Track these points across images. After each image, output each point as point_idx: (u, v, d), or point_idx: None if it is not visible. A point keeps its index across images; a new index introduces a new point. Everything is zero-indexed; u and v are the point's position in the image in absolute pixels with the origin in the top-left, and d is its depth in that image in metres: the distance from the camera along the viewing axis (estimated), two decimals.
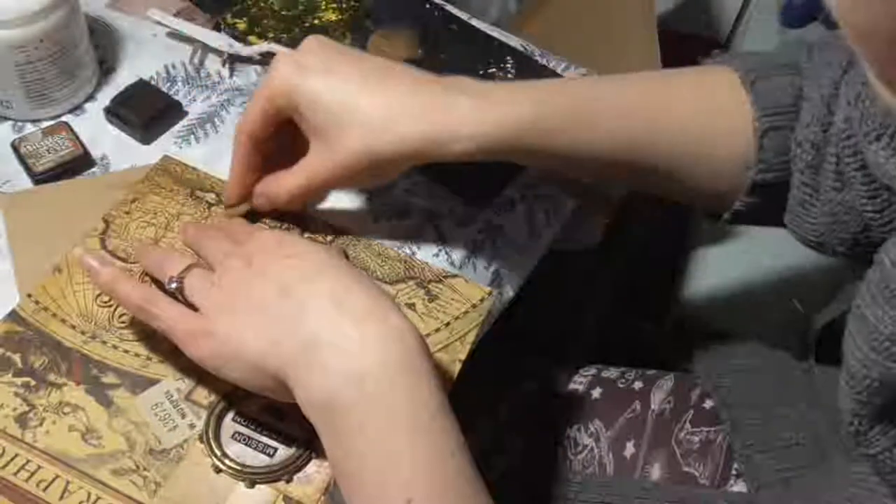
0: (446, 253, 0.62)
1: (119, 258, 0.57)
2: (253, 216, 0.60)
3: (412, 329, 0.46)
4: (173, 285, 0.50)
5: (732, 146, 0.56)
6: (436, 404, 0.44)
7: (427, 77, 0.55)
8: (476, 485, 0.44)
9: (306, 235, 0.59)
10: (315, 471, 0.49)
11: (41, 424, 0.50)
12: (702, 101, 0.57)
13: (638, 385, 0.71)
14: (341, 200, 0.64)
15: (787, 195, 0.56)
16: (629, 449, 0.67)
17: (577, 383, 0.73)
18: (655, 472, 0.65)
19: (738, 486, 0.63)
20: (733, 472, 0.64)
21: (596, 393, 0.71)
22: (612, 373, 0.74)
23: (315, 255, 0.49)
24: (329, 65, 0.54)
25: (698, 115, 0.57)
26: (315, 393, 0.44)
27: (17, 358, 0.52)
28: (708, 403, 0.68)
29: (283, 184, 0.57)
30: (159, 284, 0.53)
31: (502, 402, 0.72)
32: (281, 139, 0.57)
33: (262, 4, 0.77)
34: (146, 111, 0.66)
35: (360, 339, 0.44)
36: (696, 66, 0.60)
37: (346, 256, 0.58)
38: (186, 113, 0.68)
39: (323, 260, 0.48)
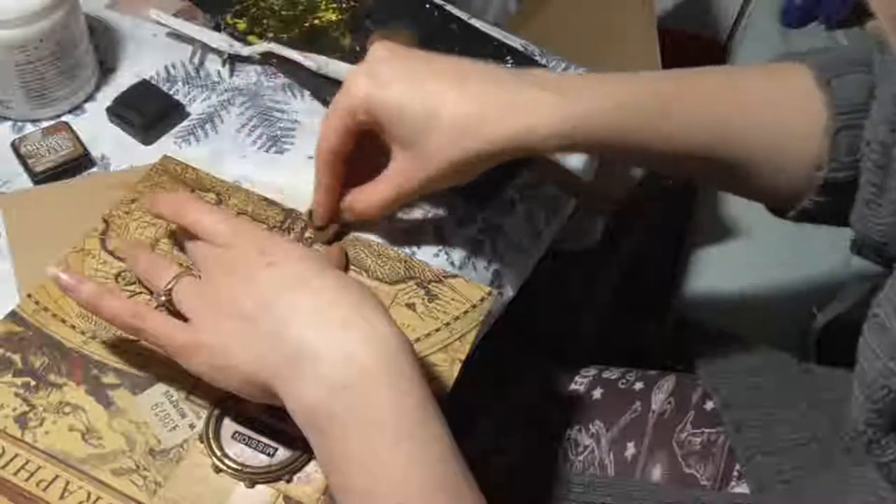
0: (446, 253, 0.62)
1: (119, 258, 0.56)
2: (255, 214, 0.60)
3: (397, 334, 0.45)
4: (161, 299, 0.50)
5: (804, 143, 0.55)
6: (423, 409, 0.44)
7: (502, 73, 0.56)
8: (469, 487, 0.44)
9: (306, 235, 0.59)
10: (315, 471, 0.49)
11: (41, 424, 0.49)
12: (775, 97, 0.57)
13: (639, 386, 0.71)
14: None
15: (854, 195, 0.56)
16: (630, 450, 0.67)
17: (578, 384, 0.73)
18: (656, 473, 0.65)
19: (740, 488, 0.63)
20: (735, 473, 0.64)
21: (597, 393, 0.71)
22: (612, 373, 0.73)
23: (296, 261, 0.48)
24: (404, 73, 0.54)
25: (771, 111, 0.56)
26: (301, 402, 0.44)
27: (17, 358, 0.52)
28: (709, 404, 0.68)
29: (372, 197, 0.57)
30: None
31: (502, 403, 0.72)
32: (356, 153, 0.57)
33: (262, 4, 0.77)
34: (149, 112, 0.66)
35: (343, 347, 0.44)
36: (767, 64, 0.60)
37: (346, 256, 0.58)
38: (189, 114, 0.68)
39: (304, 267, 0.48)
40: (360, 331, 0.45)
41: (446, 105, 0.53)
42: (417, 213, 0.64)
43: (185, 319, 0.49)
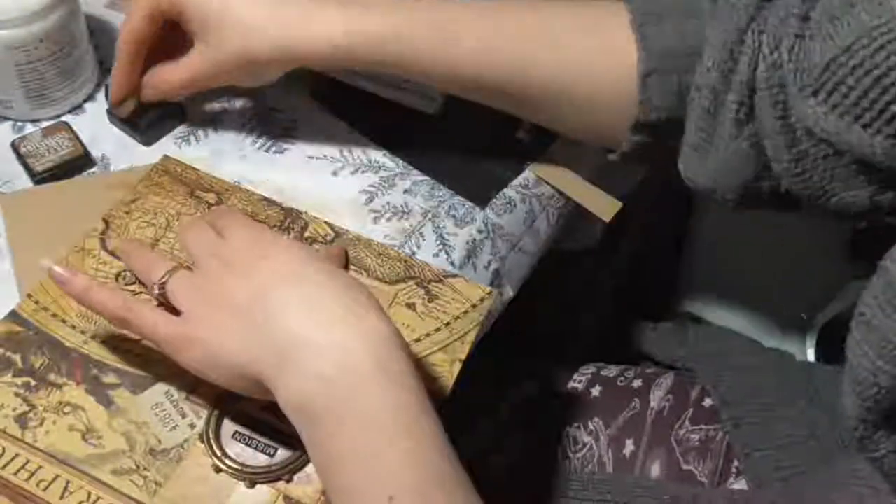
0: (446, 253, 0.62)
1: (120, 258, 0.56)
2: (256, 212, 0.60)
3: (389, 328, 0.45)
4: (156, 291, 0.50)
5: (616, 86, 0.57)
6: (413, 404, 0.44)
7: None
8: (461, 483, 0.44)
9: (306, 235, 0.59)
10: (315, 470, 0.49)
11: (41, 424, 0.49)
12: (587, 37, 0.58)
13: (637, 383, 0.71)
14: (341, 200, 0.64)
15: (676, 137, 0.57)
16: (629, 447, 0.67)
17: (577, 381, 0.73)
18: (655, 470, 0.65)
19: (738, 484, 0.63)
20: (733, 469, 0.64)
21: (595, 391, 0.71)
22: (611, 371, 0.74)
23: (289, 255, 0.48)
24: None
25: (582, 50, 0.58)
26: (290, 396, 0.44)
27: (17, 358, 0.52)
28: (707, 402, 0.68)
29: (169, 77, 0.62)
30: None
31: (502, 402, 0.72)
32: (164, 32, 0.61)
33: None
34: (150, 113, 0.66)
35: (333, 341, 0.44)
36: (584, 1, 0.61)
37: (347, 256, 0.58)
38: (189, 114, 0.68)
39: (298, 261, 0.48)
40: (351, 325, 0.45)
41: (241, 6, 0.58)
42: (417, 213, 0.64)
43: (178, 314, 0.49)
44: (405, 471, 0.43)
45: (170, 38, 0.62)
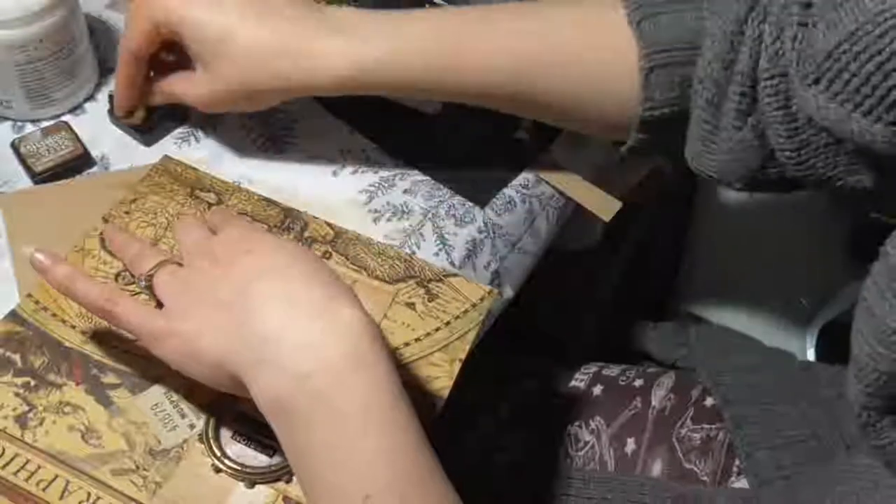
0: (446, 252, 0.62)
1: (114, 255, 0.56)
2: (256, 212, 0.60)
3: (366, 323, 0.45)
4: (143, 283, 0.50)
5: (619, 84, 0.57)
6: (390, 399, 0.44)
7: (307, 12, 0.58)
8: (438, 480, 0.44)
9: (306, 235, 0.59)
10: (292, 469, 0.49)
11: (41, 424, 0.49)
12: (587, 37, 0.58)
13: (639, 382, 0.71)
14: (341, 200, 0.64)
15: (682, 130, 0.57)
16: (630, 446, 0.67)
17: (579, 380, 0.73)
18: (656, 469, 0.65)
19: (740, 483, 0.63)
20: (734, 469, 0.64)
21: (597, 390, 0.71)
22: (612, 370, 0.74)
23: (275, 250, 0.48)
24: None
25: (582, 51, 0.58)
26: (265, 392, 0.44)
27: (17, 358, 0.52)
28: (709, 401, 0.68)
29: (177, 90, 0.61)
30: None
31: (503, 400, 0.72)
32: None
33: None
34: (150, 113, 0.66)
35: (308, 336, 0.44)
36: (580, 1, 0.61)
37: (347, 256, 0.58)
38: (188, 114, 0.68)
39: (282, 255, 0.48)
40: (327, 320, 0.44)
41: (242, 33, 0.56)
42: (417, 213, 0.64)
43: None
44: (380, 467, 0.42)
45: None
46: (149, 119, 0.65)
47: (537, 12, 0.59)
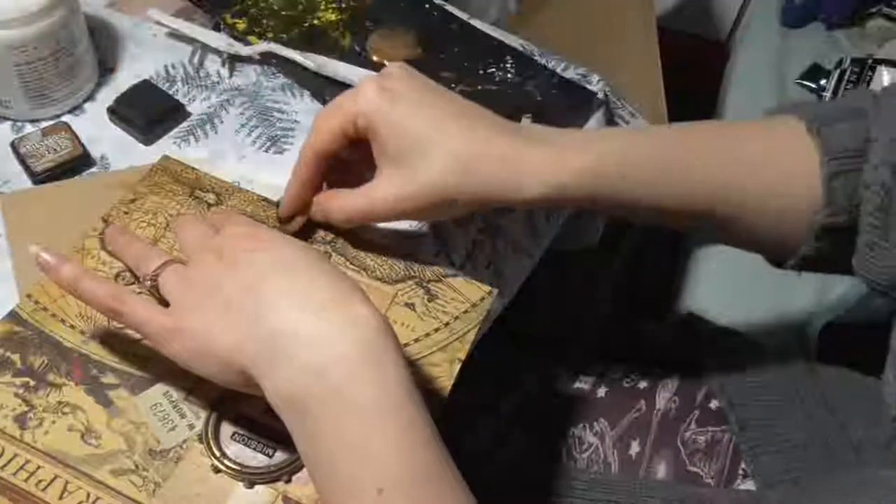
0: (446, 253, 0.62)
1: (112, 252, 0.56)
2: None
3: (378, 318, 0.45)
4: (147, 283, 0.50)
5: (801, 193, 0.56)
6: (402, 394, 0.44)
7: (507, 123, 0.56)
8: (449, 474, 0.44)
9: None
10: (304, 465, 0.49)
11: (40, 424, 0.49)
12: (770, 148, 0.57)
13: (643, 384, 0.71)
14: None
15: (854, 240, 0.56)
16: (634, 448, 0.67)
17: (583, 382, 0.73)
18: (660, 472, 0.65)
19: (745, 486, 0.63)
20: (740, 471, 0.64)
21: (601, 392, 0.71)
22: (617, 372, 0.74)
23: (281, 246, 0.48)
24: (417, 96, 0.54)
25: (767, 163, 0.57)
26: (279, 387, 0.44)
27: (16, 358, 0.52)
28: (714, 403, 0.68)
29: (345, 203, 0.56)
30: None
31: (504, 400, 0.72)
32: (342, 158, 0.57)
33: (261, 4, 0.77)
34: (150, 112, 0.66)
35: (322, 331, 0.44)
36: (760, 120, 0.60)
37: (346, 257, 0.58)
38: (188, 114, 0.68)
39: (288, 252, 0.48)
40: (339, 315, 0.44)
41: (449, 137, 0.53)
42: None
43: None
44: (394, 462, 0.42)
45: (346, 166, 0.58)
46: (143, 116, 0.65)
47: (724, 132, 0.59)
